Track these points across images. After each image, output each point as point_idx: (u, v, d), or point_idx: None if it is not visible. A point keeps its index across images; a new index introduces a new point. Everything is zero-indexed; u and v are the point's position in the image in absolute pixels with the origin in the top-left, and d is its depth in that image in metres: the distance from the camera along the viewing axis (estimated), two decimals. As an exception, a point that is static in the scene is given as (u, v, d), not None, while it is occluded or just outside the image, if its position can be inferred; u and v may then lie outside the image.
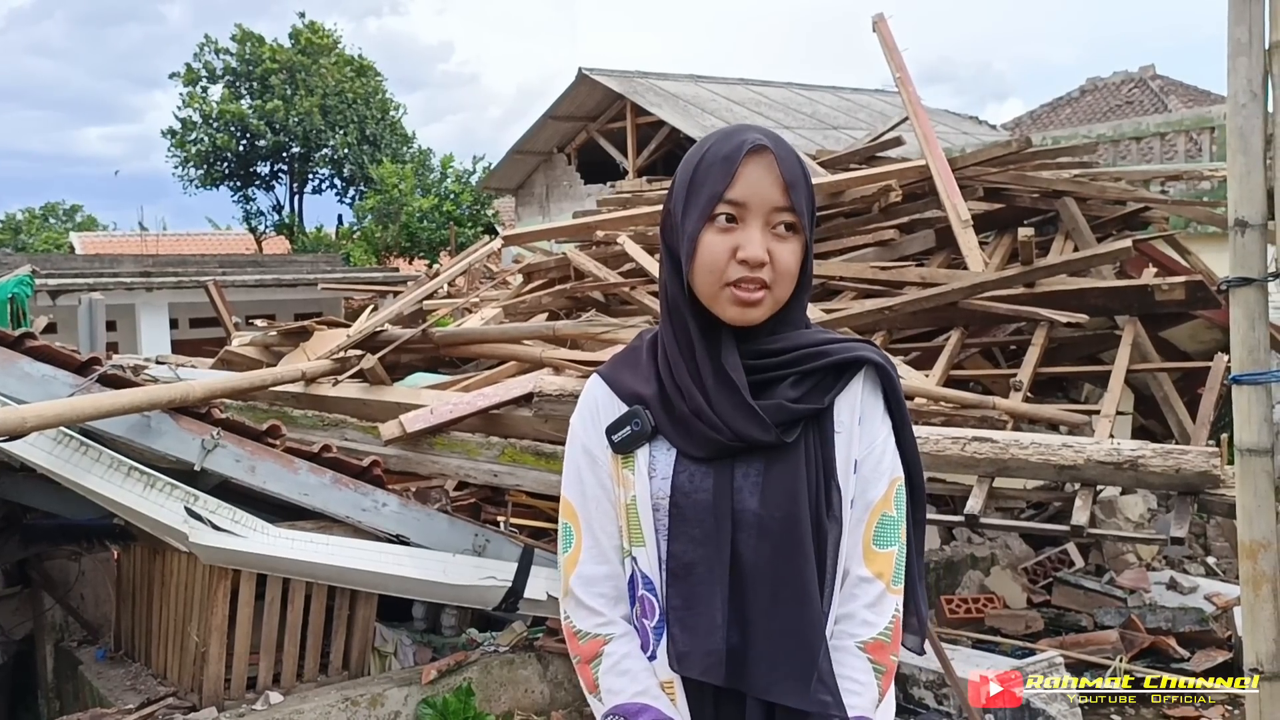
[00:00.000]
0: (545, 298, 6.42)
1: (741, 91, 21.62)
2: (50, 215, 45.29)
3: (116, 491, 3.65)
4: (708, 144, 1.55)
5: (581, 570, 1.60)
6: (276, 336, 6.54)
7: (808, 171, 1.55)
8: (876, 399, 1.58)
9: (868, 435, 1.56)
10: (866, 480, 1.55)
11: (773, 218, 1.49)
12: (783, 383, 1.52)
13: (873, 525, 1.55)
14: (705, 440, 1.51)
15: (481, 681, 4.23)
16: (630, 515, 1.56)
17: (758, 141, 1.49)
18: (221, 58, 31.37)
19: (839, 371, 1.55)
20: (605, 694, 1.56)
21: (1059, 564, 6.08)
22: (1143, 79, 25.32)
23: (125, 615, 4.67)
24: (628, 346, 1.70)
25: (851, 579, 1.55)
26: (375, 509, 4.18)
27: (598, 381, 1.65)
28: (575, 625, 1.61)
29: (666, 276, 1.59)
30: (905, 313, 5.21)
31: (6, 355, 3.67)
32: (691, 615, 1.50)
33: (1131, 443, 3.88)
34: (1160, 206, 6.38)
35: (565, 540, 1.63)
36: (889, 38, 6.45)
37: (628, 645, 1.57)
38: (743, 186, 1.48)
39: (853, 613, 1.54)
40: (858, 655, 1.52)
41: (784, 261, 1.50)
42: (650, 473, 1.55)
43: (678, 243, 1.53)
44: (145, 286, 17.31)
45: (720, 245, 1.49)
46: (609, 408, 1.60)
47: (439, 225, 25.75)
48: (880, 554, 1.54)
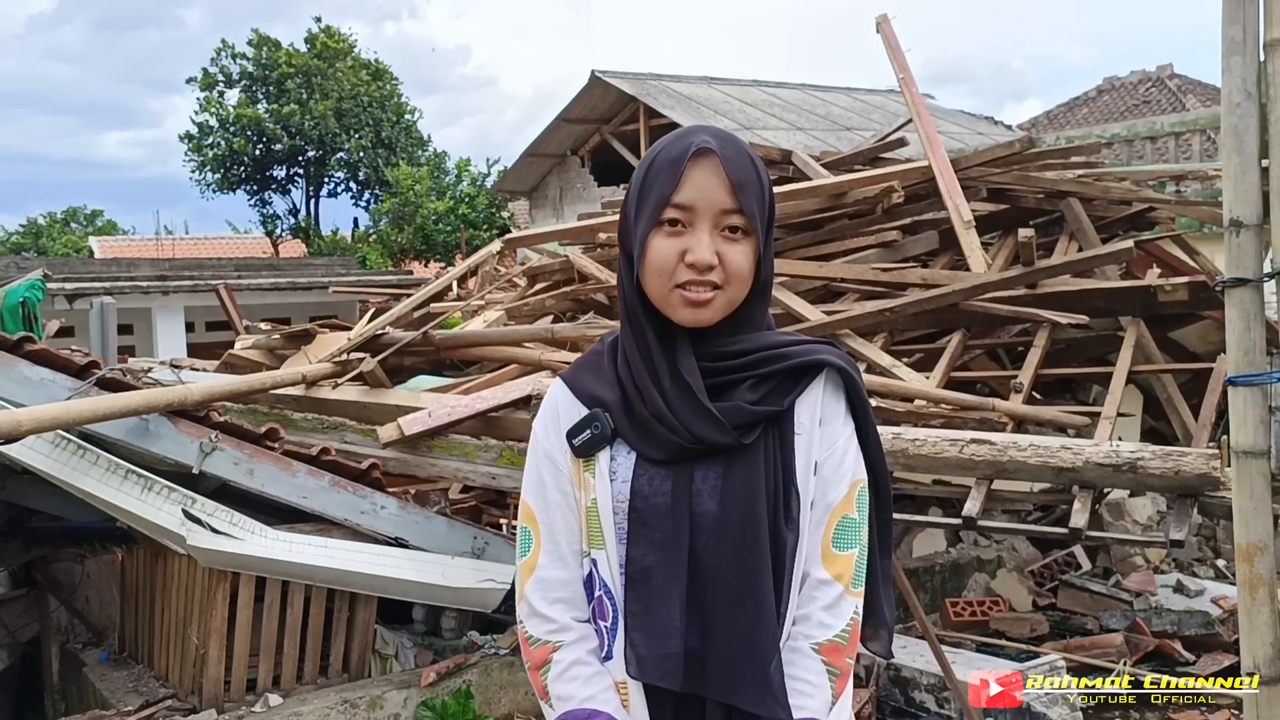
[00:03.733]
0: (549, 300, 6.43)
1: (754, 93, 21.59)
2: (71, 220, 45.66)
3: (114, 494, 3.67)
4: (659, 147, 1.55)
5: (539, 574, 1.59)
6: (280, 339, 6.57)
7: (762, 172, 1.54)
8: (838, 401, 1.57)
9: (828, 437, 1.55)
10: (826, 482, 1.54)
11: (721, 220, 1.49)
12: (742, 385, 1.52)
13: (832, 527, 1.53)
14: (664, 443, 1.51)
15: (481, 684, 4.23)
16: (590, 518, 1.56)
17: (703, 144, 1.49)
18: (238, 62, 31.57)
19: (799, 374, 1.54)
20: (555, 700, 1.56)
21: (1066, 567, 6.05)
22: (1160, 78, 25.14)
23: (129, 617, 4.69)
24: (590, 349, 1.70)
25: (810, 581, 1.54)
26: (374, 512, 4.19)
27: (559, 385, 1.65)
28: (528, 631, 1.60)
29: (623, 279, 1.59)
30: (906, 314, 5.19)
31: (5, 359, 3.69)
32: (649, 619, 1.50)
33: (1130, 445, 3.85)
34: (1165, 206, 6.33)
35: (523, 544, 1.62)
36: (892, 38, 6.43)
37: (577, 651, 1.56)
38: (689, 190, 1.48)
39: (809, 614, 1.53)
40: (811, 657, 1.51)
41: (734, 263, 1.49)
42: (610, 476, 1.54)
43: (632, 245, 1.54)
44: (161, 290, 17.45)
45: (668, 249, 1.49)
46: (570, 411, 1.60)
47: (454, 228, 25.82)
48: (840, 556, 1.53)
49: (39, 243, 41.68)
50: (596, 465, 1.55)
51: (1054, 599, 5.74)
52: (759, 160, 1.56)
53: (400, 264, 25.81)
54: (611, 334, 1.67)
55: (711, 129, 1.56)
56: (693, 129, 1.56)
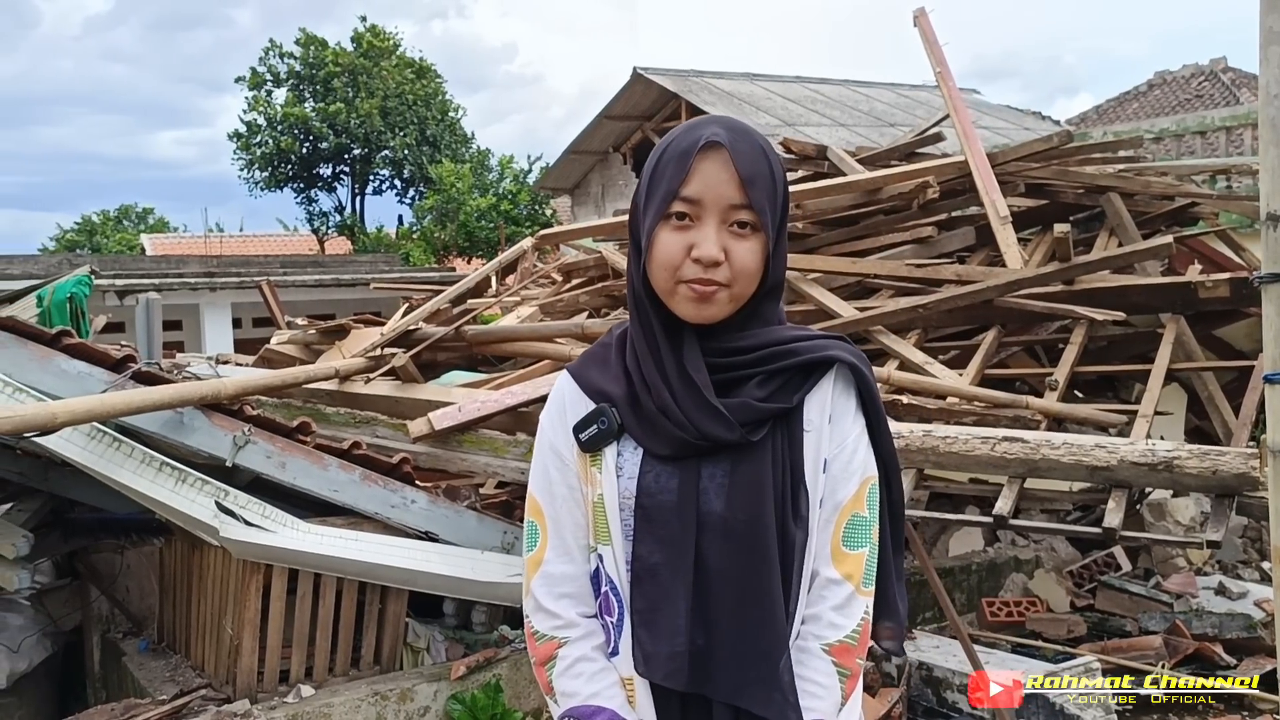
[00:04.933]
0: (582, 296, 6.44)
1: (797, 89, 21.45)
2: (124, 218, 46.45)
3: (149, 486, 3.72)
4: (670, 138, 1.53)
5: (545, 570, 1.58)
6: (315, 334, 6.64)
7: (775, 167, 1.51)
8: (849, 398, 1.55)
9: (838, 434, 1.53)
10: (836, 480, 1.52)
11: (729, 215, 1.46)
12: (750, 381, 1.50)
13: (842, 525, 1.52)
14: (671, 438, 1.49)
15: (511, 678, 4.24)
16: (597, 513, 1.55)
17: (713, 137, 1.46)
18: (286, 62, 31.93)
19: (808, 370, 1.51)
20: (560, 696, 1.55)
21: (1105, 568, 5.96)
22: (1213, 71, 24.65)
23: (167, 608, 4.76)
24: (598, 343, 1.68)
25: (820, 580, 1.52)
26: (404, 506, 4.21)
27: (566, 379, 1.63)
28: (534, 626, 1.59)
29: (631, 270, 1.58)
30: (940, 310, 5.13)
31: (43, 353, 3.75)
32: (655, 617, 1.49)
33: (1167, 444, 3.78)
34: (1208, 201, 6.20)
35: (530, 539, 1.61)
36: (930, 32, 6.36)
37: (583, 648, 1.56)
38: (697, 184, 1.46)
39: (819, 614, 1.51)
40: (821, 658, 1.49)
41: (741, 260, 1.47)
42: (618, 471, 1.53)
43: (641, 237, 1.52)
44: (209, 287, 17.74)
45: (675, 243, 1.47)
46: (577, 405, 1.58)
47: (496, 225, 25.94)
48: (850, 555, 1.51)
49: (93, 240, 42.47)
50: (603, 460, 1.53)
51: (1092, 600, 5.66)
52: (773, 154, 1.52)
53: (443, 261, 25.97)
54: (620, 326, 1.65)
55: (724, 120, 1.53)
56: (705, 120, 1.53)
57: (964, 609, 5.60)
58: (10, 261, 17.75)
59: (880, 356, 5.12)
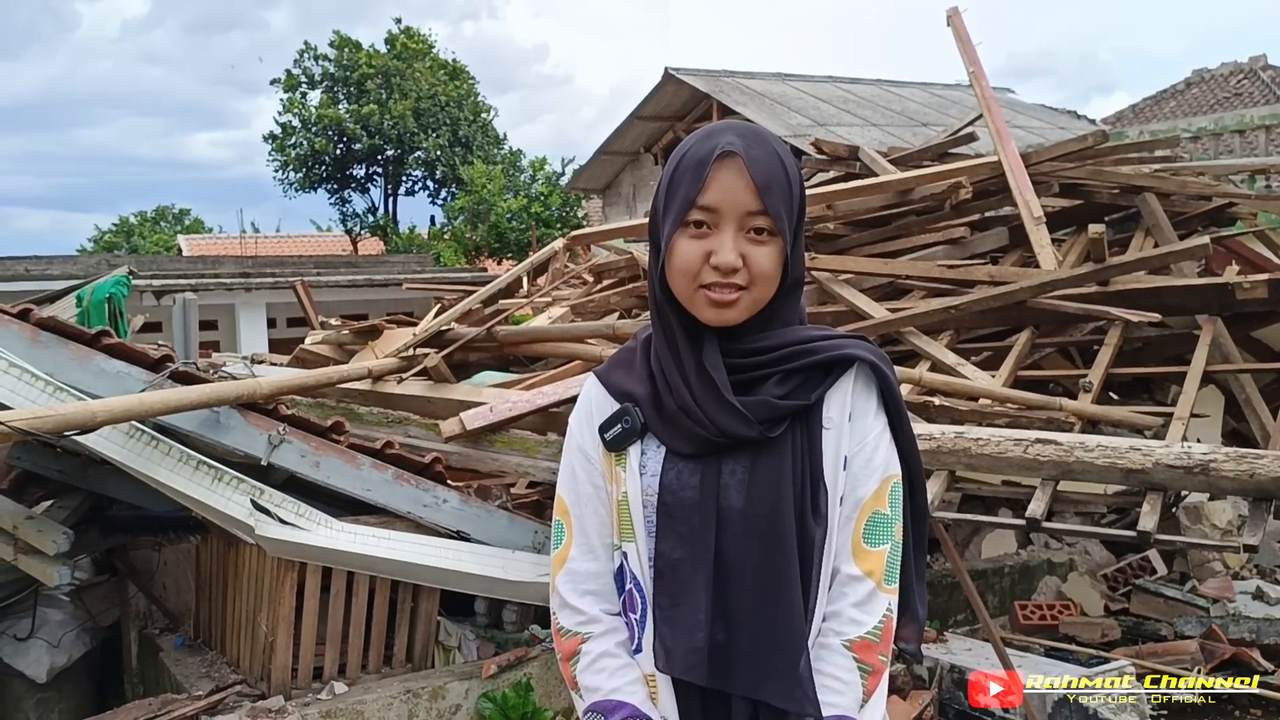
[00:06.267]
0: (613, 297, 6.45)
1: (829, 89, 21.38)
2: (161, 219, 47.04)
3: (185, 484, 3.76)
4: (686, 146, 1.56)
5: (570, 567, 1.62)
6: (349, 335, 6.70)
7: (790, 172, 1.53)
8: (869, 396, 1.56)
9: (859, 432, 1.54)
10: (856, 477, 1.54)
11: (746, 222, 1.49)
12: (769, 380, 1.52)
13: (863, 523, 1.53)
14: (692, 436, 1.52)
15: (541, 677, 4.26)
16: (622, 511, 1.58)
17: (728, 147, 1.48)
18: (320, 64, 32.22)
19: (828, 368, 1.53)
20: (584, 691, 1.60)
21: (1140, 571, 5.91)
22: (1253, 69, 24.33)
23: (203, 605, 4.82)
24: (624, 346, 1.72)
25: (841, 577, 1.53)
26: (436, 505, 4.24)
27: (593, 381, 1.67)
28: (559, 623, 1.64)
29: (651, 273, 1.60)
30: (973, 311, 5.10)
31: (83, 353, 3.81)
32: (676, 613, 1.51)
33: (1203, 446, 3.73)
34: (1246, 202, 6.12)
35: (556, 537, 1.66)
36: (963, 31, 6.33)
37: (606, 643, 1.59)
38: (714, 192, 1.48)
39: (840, 611, 1.52)
40: (842, 654, 1.51)
41: (759, 265, 1.49)
42: (640, 470, 1.56)
43: (660, 241, 1.55)
44: (244, 287, 17.93)
45: (693, 250, 1.50)
46: (603, 406, 1.62)
47: (528, 226, 26.04)
48: (871, 552, 1.53)
49: (130, 241, 43.04)
50: (627, 459, 1.57)
51: (1127, 604, 5.61)
52: (788, 158, 1.55)
53: (474, 261, 26.12)
54: (645, 330, 1.68)
55: (739, 127, 1.55)
56: (720, 128, 1.55)
57: (996, 612, 5.57)
58: (50, 262, 18.03)
59: (912, 358, 5.09)
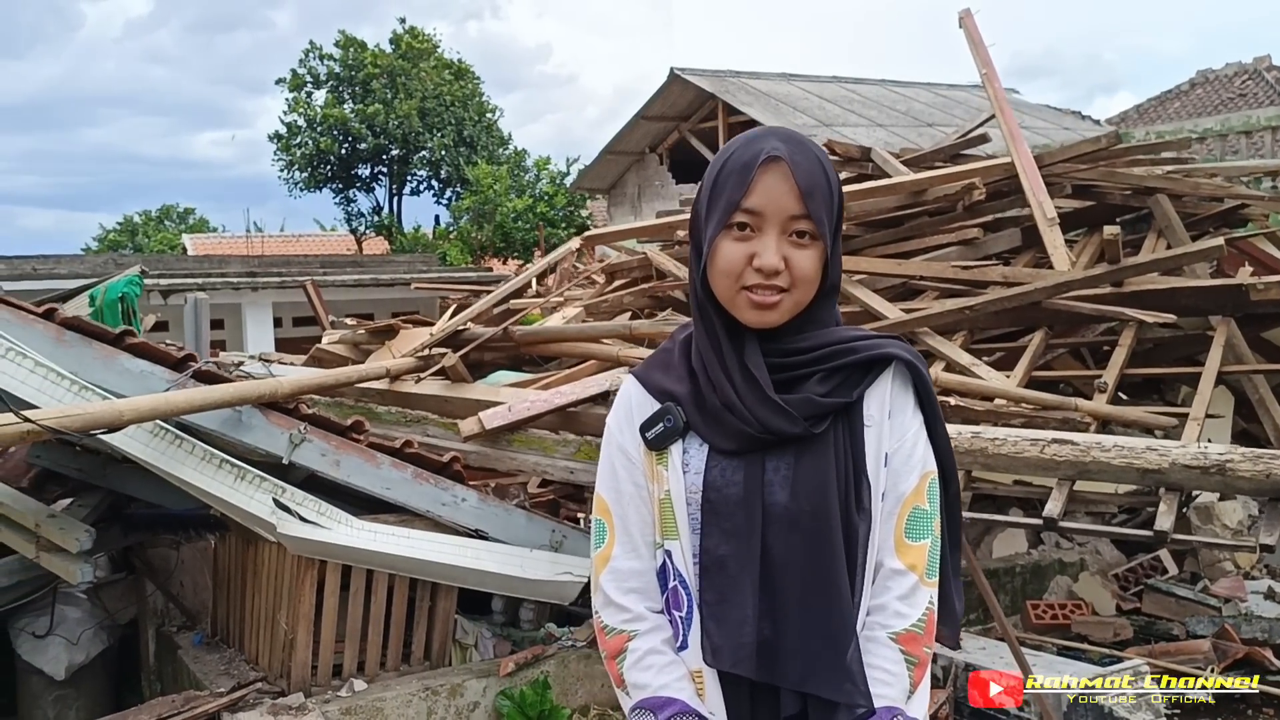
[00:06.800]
0: (627, 297, 6.48)
1: (834, 89, 21.38)
2: (166, 218, 47.07)
3: (208, 483, 3.79)
4: (731, 150, 1.59)
5: (613, 565, 1.64)
6: (365, 334, 6.74)
7: (831, 177, 1.57)
8: (906, 394, 1.60)
9: (898, 429, 1.58)
10: (897, 473, 1.57)
11: (789, 225, 1.52)
12: (811, 378, 1.55)
13: (904, 518, 1.56)
14: (735, 433, 1.54)
15: (558, 675, 4.28)
16: (664, 509, 1.60)
17: (773, 151, 1.52)
18: (325, 63, 32.21)
19: (867, 367, 1.57)
20: (631, 688, 1.61)
21: (1151, 571, 5.92)
22: (1257, 70, 24.31)
23: (221, 602, 4.84)
24: (660, 347, 1.74)
25: (884, 571, 1.56)
26: (455, 504, 4.26)
27: (632, 381, 1.69)
28: (603, 621, 1.65)
29: (693, 276, 1.63)
30: (987, 312, 5.12)
31: (107, 352, 3.84)
32: (723, 609, 1.53)
33: (1219, 446, 3.76)
34: (1258, 203, 6.14)
35: (598, 536, 1.67)
36: (975, 33, 6.35)
37: (652, 640, 1.61)
38: (758, 196, 1.51)
39: (885, 604, 1.55)
40: (889, 646, 1.54)
41: (801, 268, 1.52)
42: (684, 468, 1.58)
43: (703, 245, 1.58)
44: (251, 286, 17.93)
45: (736, 252, 1.52)
46: (642, 406, 1.64)
47: (533, 226, 26.06)
48: (913, 546, 1.56)
49: (135, 240, 43.07)
50: (669, 458, 1.59)
51: (1138, 603, 5.62)
52: (829, 164, 1.58)
53: (480, 261, 26.12)
54: (682, 329, 1.71)
55: (783, 132, 1.58)
56: (764, 133, 1.59)
57: (1008, 611, 5.58)
58: (58, 261, 18.06)
59: (927, 358, 5.11)
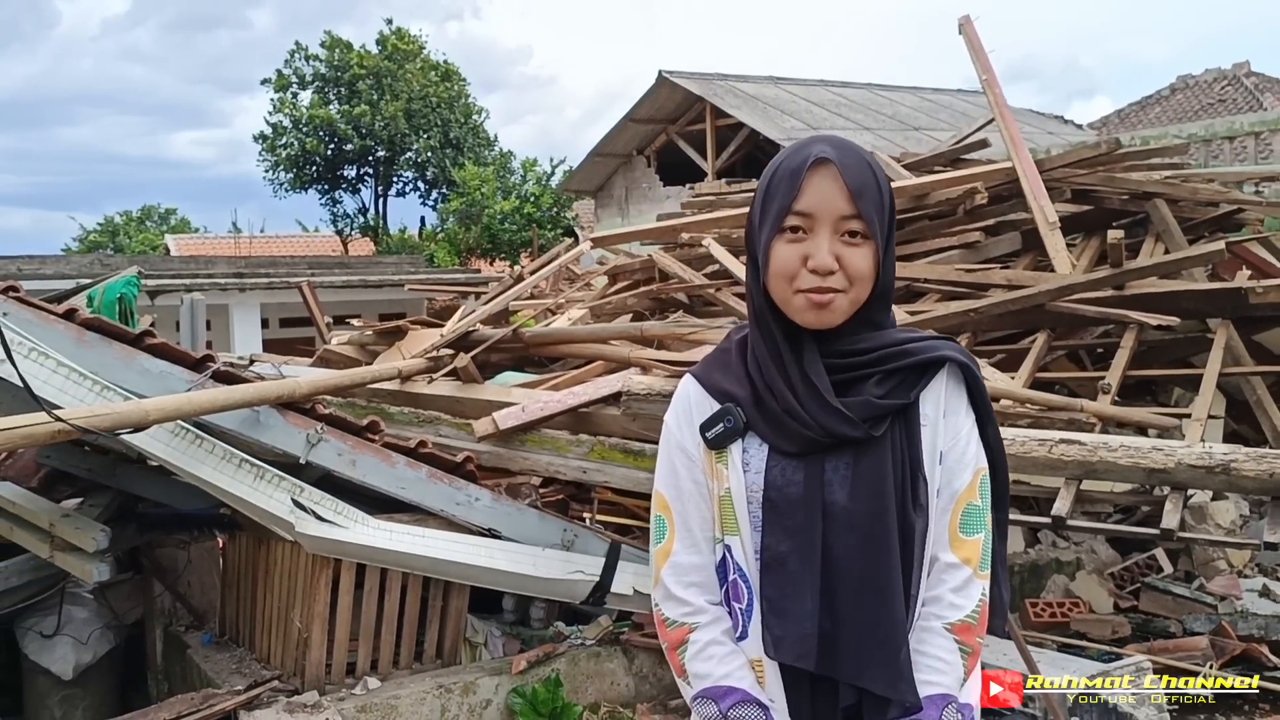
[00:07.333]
0: (630, 299, 6.53)
1: (821, 93, 21.52)
2: (147, 218, 46.79)
3: (228, 482, 3.80)
4: (781, 158, 1.64)
5: (674, 560, 1.69)
6: (372, 336, 6.76)
7: (881, 178, 1.62)
8: (960, 394, 1.65)
9: (952, 428, 1.63)
10: (951, 471, 1.62)
11: (841, 226, 1.57)
12: (868, 381, 1.60)
13: (959, 513, 1.62)
14: (797, 436, 1.59)
15: (569, 673, 4.31)
16: (724, 507, 1.65)
17: (822, 154, 1.57)
18: (311, 64, 32.13)
19: (922, 369, 1.62)
20: (693, 678, 1.66)
21: (1146, 569, 5.99)
22: (1237, 76, 24.61)
23: (230, 602, 4.86)
24: (717, 348, 1.78)
25: (939, 565, 1.62)
26: (469, 503, 4.29)
27: (691, 381, 1.74)
28: (664, 613, 1.70)
29: (750, 283, 1.68)
30: (991, 315, 5.20)
31: (127, 352, 3.85)
32: (784, 604, 1.59)
33: (1223, 446, 3.84)
34: (1254, 208, 6.25)
35: (658, 532, 1.72)
36: (975, 39, 6.42)
37: (713, 632, 1.66)
38: (809, 198, 1.56)
39: (940, 596, 1.61)
40: (945, 636, 1.60)
41: (855, 266, 1.57)
42: (744, 467, 1.63)
43: (758, 251, 1.63)
44: (238, 287, 17.86)
45: (790, 254, 1.57)
46: (702, 406, 1.69)
47: (520, 227, 26.08)
48: (967, 541, 1.62)
49: (116, 240, 42.76)
50: (729, 457, 1.64)
51: (1135, 602, 5.69)
52: (878, 167, 1.63)
53: (467, 262, 26.13)
54: (738, 330, 1.76)
55: (831, 138, 1.64)
56: (813, 139, 1.64)
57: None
58: (43, 262, 17.99)
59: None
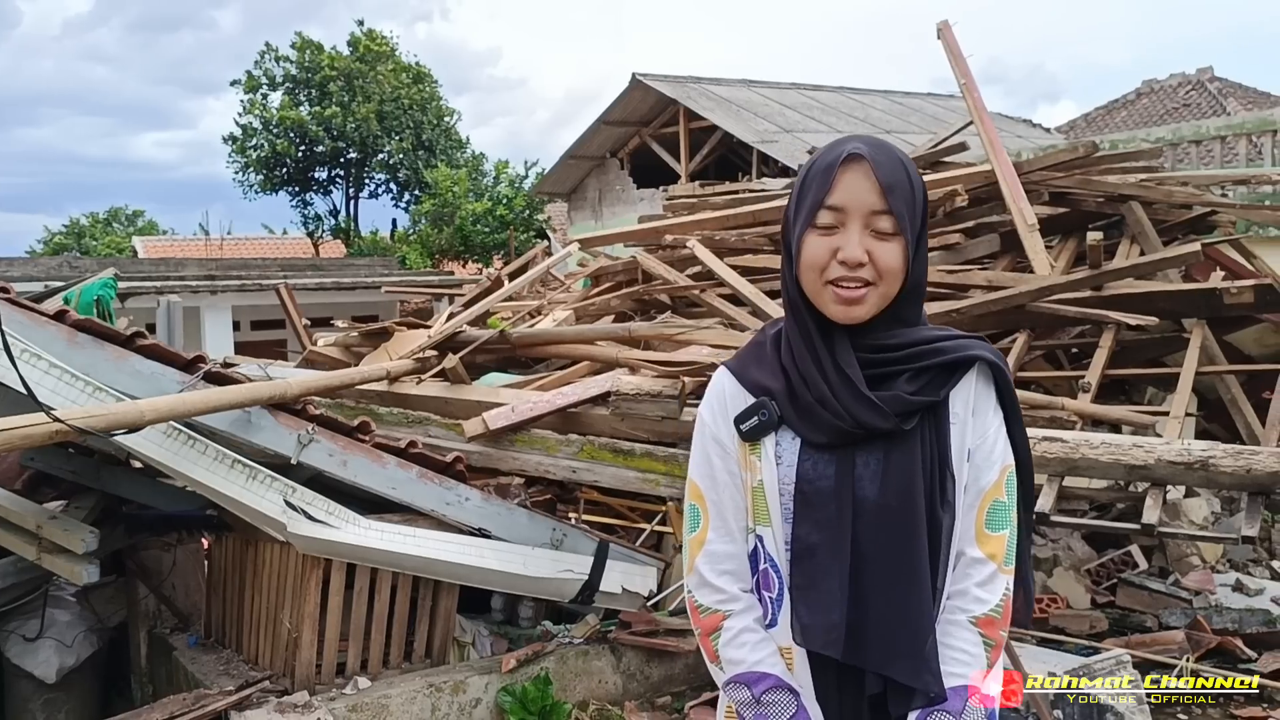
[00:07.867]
0: (614, 300, 6.56)
1: (793, 96, 21.65)
2: (113, 220, 46.28)
3: (221, 483, 3.80)
4: (816, 155, 1.69)
5: (709, 548, 1.73)
6: (357, 337, 6.76)
7: (914, 176, 1.67)
8: (989, 392, 1.69)
9: (980, 426, 1.67)
10: (979, 468, 1.67)
11: (871, 221, 1.61)
12: (900, 376, 1.64)
13: (985, 509, 1.66)
14: (829, 427, 1.63)
15: (558, 671, 4.33)
16: (756, 497, 1.69)
17: (855, 150, 1.62)
18: (281, 65, 31.93)
19: (953, 368, 1.66)
20: (726, 664, 1.71)
21: (1122, 565, 6.09)
22: (1200, 81, 24.97)
23: (216, 604, 4.83)
24: (751, 342, 1.83)
25: (965, 559, 1.66)
26: (459, 503, 4.31)
27: (725, 374, 1.78)
28: (698, 600, 1.74)
29: (785, 276, 1.72)
30: (971, 315, 5.27)
31: (119, 354, 3.83)
32: (814, 593, 1.63)
33: (1201, 443, 3.94)
34: (1227, 210, 6.38)
35: (692, 521, 1.76)
36: (954, 44, 6.51)
37: (745, 620, 1.71)
38: (841, 192, 1.61)
39: (965, 590, 1.66)
40: (969, 629, 1.64)
41: (885, 260, 1.61)
42: (777, 460, 1.67)
43: (792, 245, 1.67)
44: (210, 289, 17.71)
45: (821, 247, 1.62)
46: (736, 398, 1.73)
47: (492, 229, 26.04)
48: (992, 536, 1.66)
49: (82, 242, 42.25)
50: (763, 449, 1.68)
51: (1112, 597, 5.78)
52: (911, 166, 1.68)
53: (439, 264, 26.05)
54: (772, 325, 1.80)
55: (865, 136, 1.68)
56: (847, 137, 1.69)
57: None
58: (10, 264, 17.78)
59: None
